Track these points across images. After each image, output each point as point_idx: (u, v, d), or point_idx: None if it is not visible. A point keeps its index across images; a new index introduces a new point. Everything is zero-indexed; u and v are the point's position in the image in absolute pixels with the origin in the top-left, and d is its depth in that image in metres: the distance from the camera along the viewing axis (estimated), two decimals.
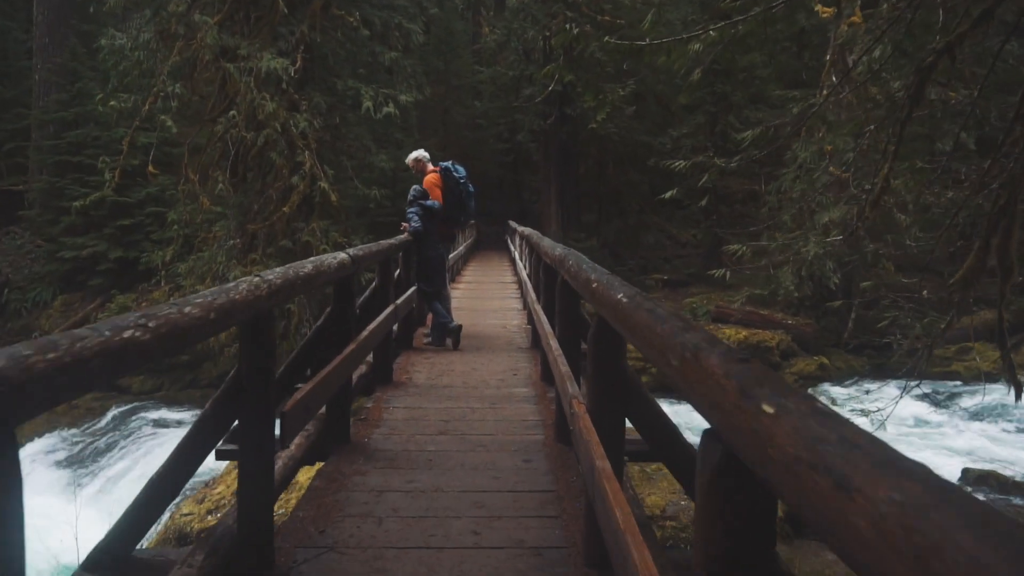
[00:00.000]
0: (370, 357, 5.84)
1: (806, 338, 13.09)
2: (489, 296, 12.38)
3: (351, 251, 4.52)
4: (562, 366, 3.73)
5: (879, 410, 10.94)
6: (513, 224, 15.43)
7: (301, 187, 13.05)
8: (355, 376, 5.20)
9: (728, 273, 15.67)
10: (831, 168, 11.19)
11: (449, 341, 7.85)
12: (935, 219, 10.50)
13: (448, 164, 7.96)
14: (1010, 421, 10.52)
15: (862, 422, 10.73)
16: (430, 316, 8.16)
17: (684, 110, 19.83)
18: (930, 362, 13.56)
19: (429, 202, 7.65)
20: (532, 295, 7.05)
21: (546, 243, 5.50)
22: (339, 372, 3.92)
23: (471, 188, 7.99)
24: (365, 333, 4.72)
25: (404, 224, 7.70)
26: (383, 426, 5.02)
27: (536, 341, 7.23)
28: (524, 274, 10.37)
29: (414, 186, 7.79)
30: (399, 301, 6.55)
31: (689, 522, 6.15)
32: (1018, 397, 5.10)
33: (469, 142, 28.33)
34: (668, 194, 17.15)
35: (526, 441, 4.72)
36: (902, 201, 12.21)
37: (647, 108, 20.85)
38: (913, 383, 12.91)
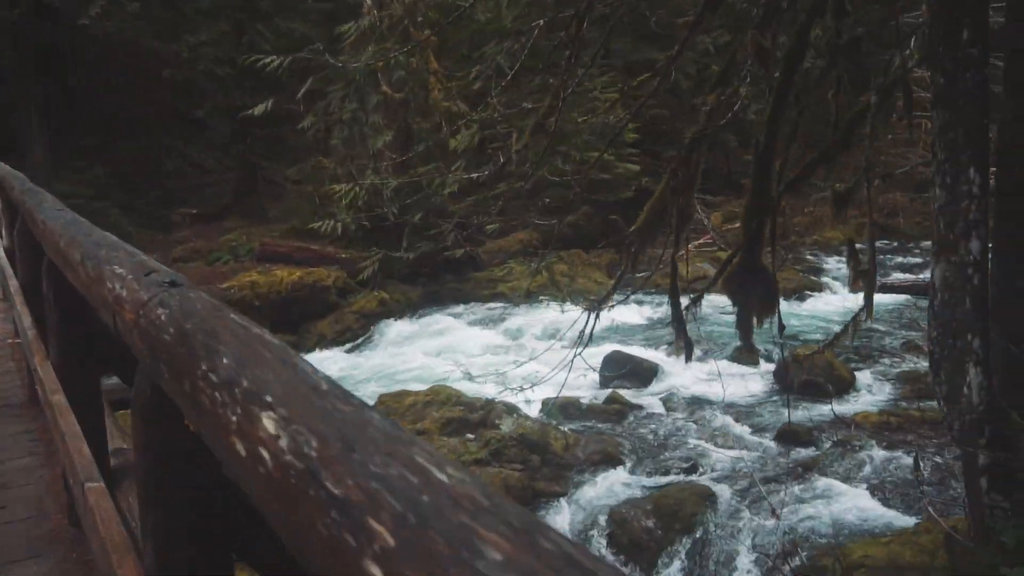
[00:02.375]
0: None
1: (362, 272, 12.21)
2: None
3: None
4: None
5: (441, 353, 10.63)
6: None
7: None
8: None
9: (267, 206, 13.97)
10: (384, 88, 10.19)
11: None
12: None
13: None
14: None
15: (429, 362, 10.29)
16: None
17: (201, 14, 17.06)
18: (479, 286, 13.86)
19: None
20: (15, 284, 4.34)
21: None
22: None
23: None
24: None
25: None
26: None
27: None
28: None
29: None
30: None
31: None
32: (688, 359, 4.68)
33: None
34: (197, 114, 14.57)
35: None
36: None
37: (153, 8, 17.49)
38: (468, 308, 13.01)
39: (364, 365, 10.06)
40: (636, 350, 9.66)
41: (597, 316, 5.22)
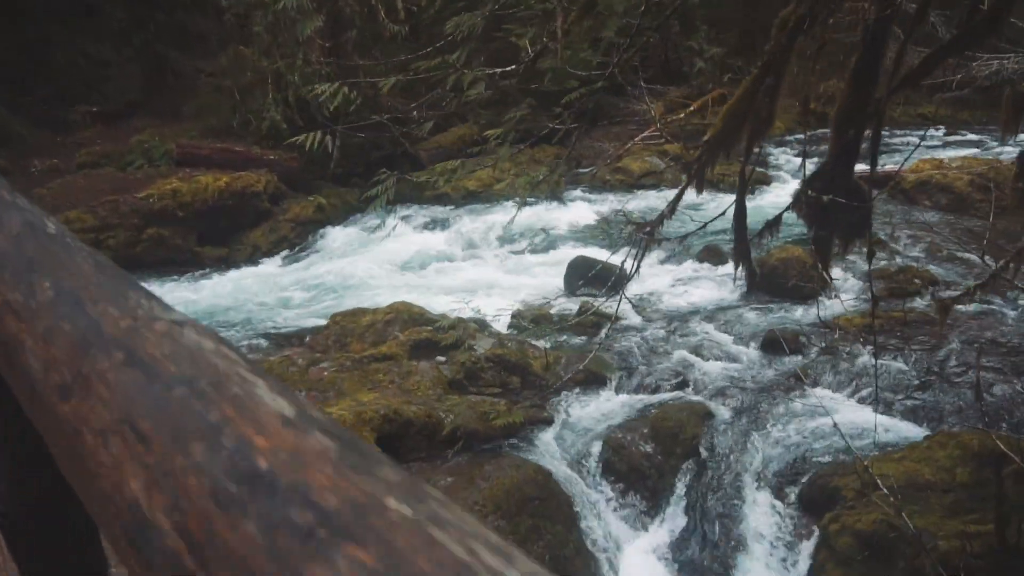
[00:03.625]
0: None
1: (293, 175, 11.17)
2: None
3: None
4: None
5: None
6: None
7: None
8: None
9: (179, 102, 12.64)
10: None
11: None
12: None
13: None
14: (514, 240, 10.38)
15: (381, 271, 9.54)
16: None
17: None
18: (420, 187, 13.01)
19: None
20: None
21: None
22: None
23: None
24: None
25: None
26: None
27: None
28: None
29: None
30: None
31: None
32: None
33: None
34: None
35: None
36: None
37: None
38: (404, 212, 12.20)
39: (307, 278, 9.28)
40: (596, 253, 9.16)
41: (646, 248, 4.54)
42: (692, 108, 15.50)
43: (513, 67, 4.41)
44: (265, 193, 10.30)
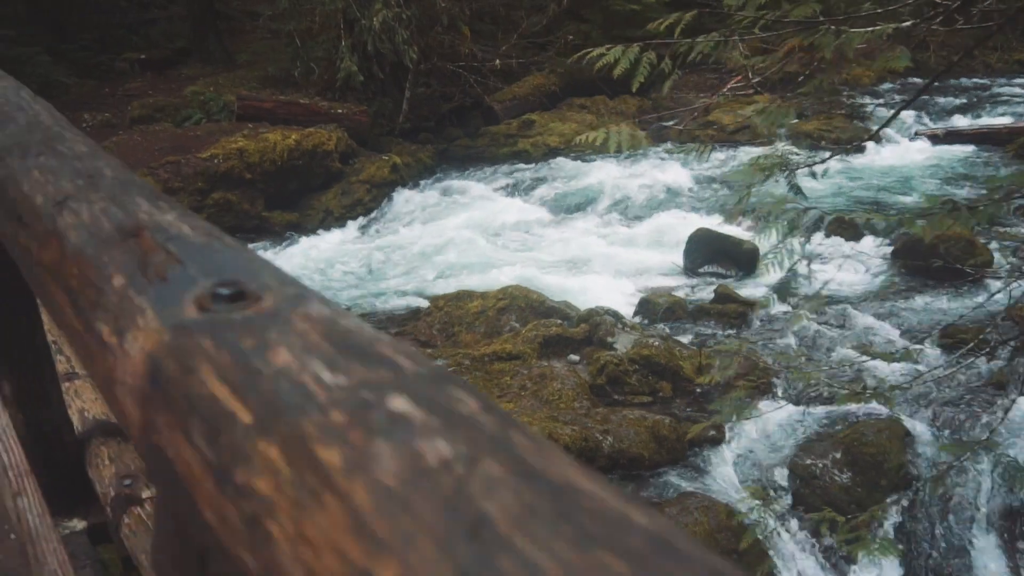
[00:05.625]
0: None
1: (362, 131, 10.24)
2: None
3: None
4: None
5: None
6: None
7: None
8: None
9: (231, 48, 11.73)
10: None
11: None
12: None
13: None
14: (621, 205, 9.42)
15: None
16: None
17: None
18: (495, 143, 12.04)
19: None
20: None
21: None
22: None
23: None
24: None
25: None
26: None
27: None
28: None
29: None
30: None
31: None
32: None
33: None
34: None
35: None
36: None
37: None
38: (491, 171, 11.25)
39: (387, 247, 8.45)
40: (714, 224, 8.20)
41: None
42: (783, 51, 14.24)
43: None
44: (336, 152, 9.42)
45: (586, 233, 8.43)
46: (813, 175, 3.57)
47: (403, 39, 8.65)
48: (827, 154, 3.90)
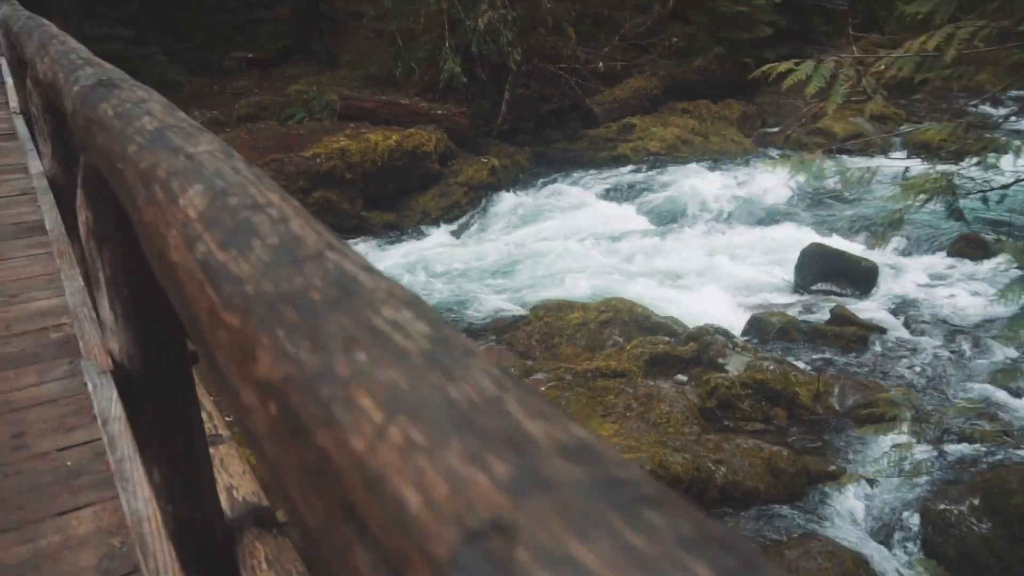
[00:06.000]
0: None
1: (460, 132, 10.20)
2: None
3: None
4: None
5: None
6: None
7: None
8: None
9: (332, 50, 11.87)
10: None
11: None
12: None
13: None
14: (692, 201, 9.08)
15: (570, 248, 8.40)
16: None
17: None
18: (594, 146, 11.81)
19: None
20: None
21: None
22: None
23: None
24: None
25: None
26: None
27: None
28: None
29: None
30: None
31: None
32: None
33: None
34: None
35: None
36: None
37: None
38: (592, 174, 11.03)
39: (486, 253, 8.35)
40: (827, 239, 7.78)
41: None
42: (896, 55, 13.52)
43: None
44: (435, 153, 9.40)
45: (688, 243, 8.13)
46: (984, 200, 3.23)
47: (507, 40, 8.54)
48: (1006, 177, 3.51)
